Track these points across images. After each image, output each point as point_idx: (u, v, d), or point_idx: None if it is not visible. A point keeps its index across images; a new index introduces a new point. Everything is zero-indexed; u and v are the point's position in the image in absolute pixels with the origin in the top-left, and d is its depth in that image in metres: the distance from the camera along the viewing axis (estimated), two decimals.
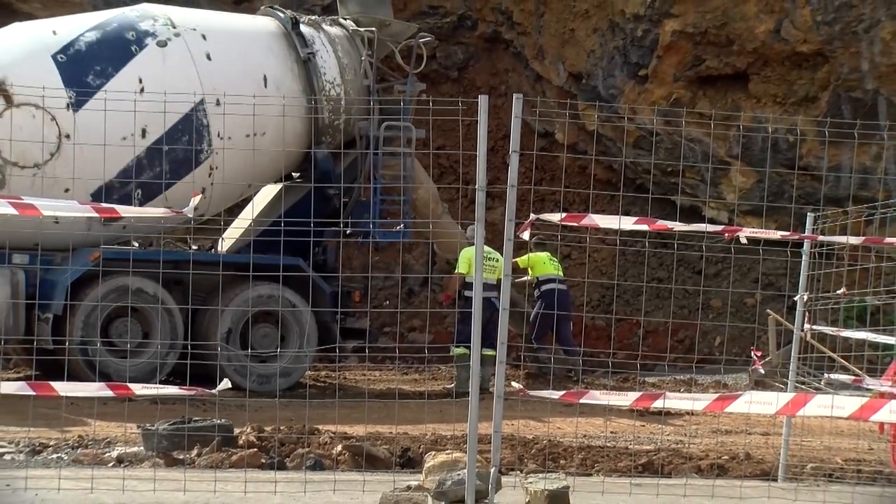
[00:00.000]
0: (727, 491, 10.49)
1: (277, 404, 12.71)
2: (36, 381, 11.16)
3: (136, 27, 16.88)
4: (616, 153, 22.49)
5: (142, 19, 16.98)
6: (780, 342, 18.24)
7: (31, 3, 22.67)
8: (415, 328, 20.89)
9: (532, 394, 10.03)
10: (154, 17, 17.16)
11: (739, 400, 9.93)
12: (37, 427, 12.19)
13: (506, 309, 9.16)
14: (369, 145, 17.60)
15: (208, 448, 11.20)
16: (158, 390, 12.11)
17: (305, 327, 16.89)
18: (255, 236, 17.37)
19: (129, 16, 17.10)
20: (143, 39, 16.79)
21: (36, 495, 9.34)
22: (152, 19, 17.09)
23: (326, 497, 9.62)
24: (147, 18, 17.05)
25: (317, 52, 17.68)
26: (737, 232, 11.22)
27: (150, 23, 17.00)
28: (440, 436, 12.29)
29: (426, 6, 25.04)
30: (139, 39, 16.75)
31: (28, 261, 15.84)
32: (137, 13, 17.19)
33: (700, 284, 18.57)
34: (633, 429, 14.36)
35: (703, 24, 22.07)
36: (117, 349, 16.05)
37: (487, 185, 8.91)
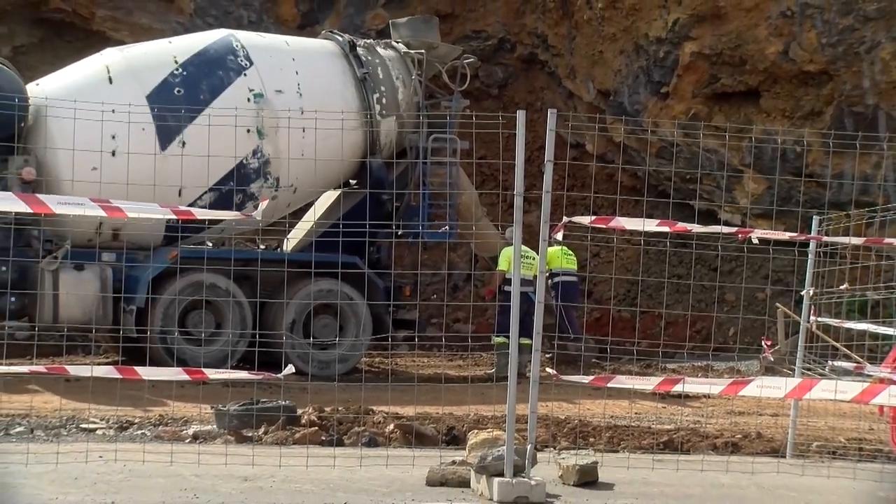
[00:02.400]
0: (740, 466, 10.43)
1: (336, 387, 12.72)
2: (122, 366, 11.20)
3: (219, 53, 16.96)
4: (640, 162, 22.41)
5: (222, 46, 17.03)
6: (788, 332, 18.13)
7: (121, 31, 22.77)
8: (459, 319, 20.86)
9: (564, 378, 10.00)
10: (231, 43, 17.22)
11: (751, 384, 9.87)
12: (123, 407, 12.25)
13: (541, 302, 9.14)
14: (419, 155, 17.60)
15: (274, 426, 11.21)
16: (230, 375, 12.23)
17: (361, 318, 16.90)
18: (316, 237, 17.36)
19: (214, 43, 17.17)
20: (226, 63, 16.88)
21: (124, 466, 9.38)
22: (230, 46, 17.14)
23: (380, 471, 9.60)
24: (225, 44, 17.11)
25: (372, 72, 17.68)
26: (749, 233, 11.16)
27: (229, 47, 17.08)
28: (482, 416, 12.27)
29: (470, 30, 25.02)
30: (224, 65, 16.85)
31: (115, 259, 15.92)
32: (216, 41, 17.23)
33: (716, 280, 18.43)
34: (655, 410, 14.31)
35: (718, 46, 21.99)
36: (193, 338, 16.08)
37: (524, 191, 8.89)
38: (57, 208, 9.42)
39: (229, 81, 16.77)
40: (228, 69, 16.87)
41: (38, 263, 15.62)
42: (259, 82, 16.86)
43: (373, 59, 17.88)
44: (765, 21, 21.53)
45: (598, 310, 20.85)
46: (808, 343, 11.81)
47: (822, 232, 11.48)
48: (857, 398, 9.03)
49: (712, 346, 15.71)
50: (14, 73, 16.26)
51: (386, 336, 17.06)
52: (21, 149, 15.78)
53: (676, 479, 9.90)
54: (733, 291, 19.83)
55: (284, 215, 17.33)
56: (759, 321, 18.69)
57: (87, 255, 15.79)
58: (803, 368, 11.46)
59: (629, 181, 22.99)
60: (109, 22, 23.27)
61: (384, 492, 8.95)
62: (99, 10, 23.33)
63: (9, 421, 11.57)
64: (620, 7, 23.12)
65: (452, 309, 20.13)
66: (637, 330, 15.92)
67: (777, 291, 18.90)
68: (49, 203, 9.28)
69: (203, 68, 16.74)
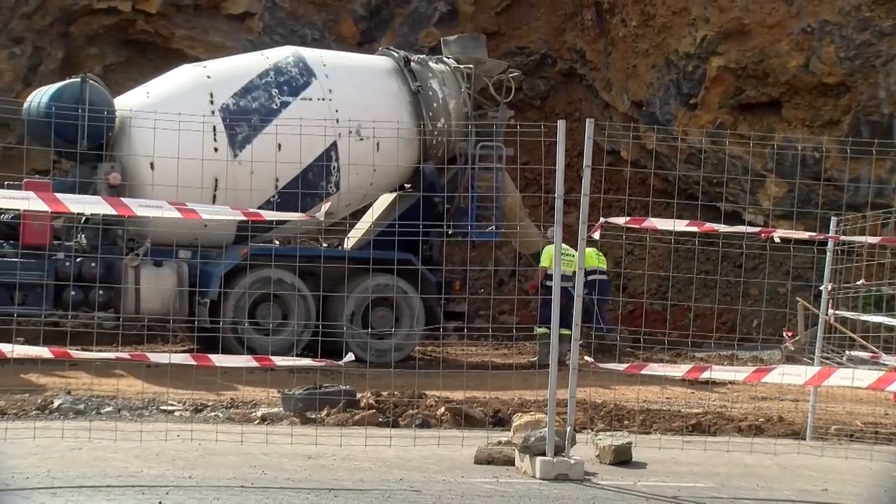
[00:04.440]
0: (763, 447, 10.36)
1: (392, 373, 12.73)
2: (197, 354, 11.27)
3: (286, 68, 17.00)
4: (671, 168, 22.29)
5: (287, 61, 17.07)
6: (808, 324, 17.98)
7: (196, 49, 22.90)
8: (504, 311, 20.82)
9: (601, 366, 9.97)
10: (296, 59, 17.26)
11: (774, 372, 9.81)
12: (198, 391, 12.33)
13: (579, 296, 9.11)
14: (467, 161, 17.58)
15: (335, 409, 11.23)
16: (295, 362, 12.26)
17: (415, 310, 16.91)
18: (374, 236, 17.40)
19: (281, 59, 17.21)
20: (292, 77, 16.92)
21: (200, 444, 9.43)
22: (296, 61, 17.19)
23: (432, 450, 9.61)
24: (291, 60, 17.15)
25: (425, 85, 17.68)
26: (771, 233, 11.08)
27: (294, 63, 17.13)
28: (525, 400, 12.24)
29: (514, 47, 24.96)
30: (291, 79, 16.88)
31: (191, 256, 16.01)
32: (283, 56, 17.27)
33: (740, 276, 18.32)
34: (684, 395, 14.24)
35: (743, 61, 21.85)
36: (261, 328, 16.14)
37: (564, 194, 8.87)
38: (138, 210, 9.49)
39: (294, 94, 16.81)
40: (294, 83, 16.91)
41: (122, 260, 15.73)
42: (321, 96, 16.89)
43: (426, 73, 17.87)
44: (787, 37, 21.38)
45: (631, 303, 20.75)
46: (827, 334, 11.71)
47: (839, 232, 11.38)
48: (873, 385, 8.95)
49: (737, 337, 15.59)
50: (103, 89, 16.39)
51: (437, 327, 17.05)
52: (108, 156, 15.91)
53: (704, 459, 9.85)
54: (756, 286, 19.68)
55: (345, 216, 17.37)
56: (780, 314, 18.55)
57: (165, 253, 15.91)
58: (822, 358, 11.36)
59: (660, 185, 22.86)
60: (187, 41, 23.40)
61: (436, 469, 8.94)
62: (177, 31, 23.47)
63: (99, 402, 11.67)
64: (653, 25, 23.02)
65: (498, 302, 20.08)
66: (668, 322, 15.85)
67: (797, 286, 18.73)
68: (131, 206, 9.35)
69: (271, 82, 16.79)
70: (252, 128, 16.16)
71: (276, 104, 16.59)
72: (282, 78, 16.92)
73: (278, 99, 16.67)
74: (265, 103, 16.60)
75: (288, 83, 16.89)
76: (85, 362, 13.10)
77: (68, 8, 22.73)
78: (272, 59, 17.29)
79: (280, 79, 16.90)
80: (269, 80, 16.84)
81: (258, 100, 16.61)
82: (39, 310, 15.10)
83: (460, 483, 8.45)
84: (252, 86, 16.69)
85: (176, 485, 7.94)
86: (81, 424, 10.12)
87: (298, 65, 17.13)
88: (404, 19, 24.46)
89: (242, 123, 16.10)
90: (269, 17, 23.73)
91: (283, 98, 16.70)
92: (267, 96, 16.69)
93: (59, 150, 16.31)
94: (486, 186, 17.63)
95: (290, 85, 16.88)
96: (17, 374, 13.05)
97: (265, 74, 16.86)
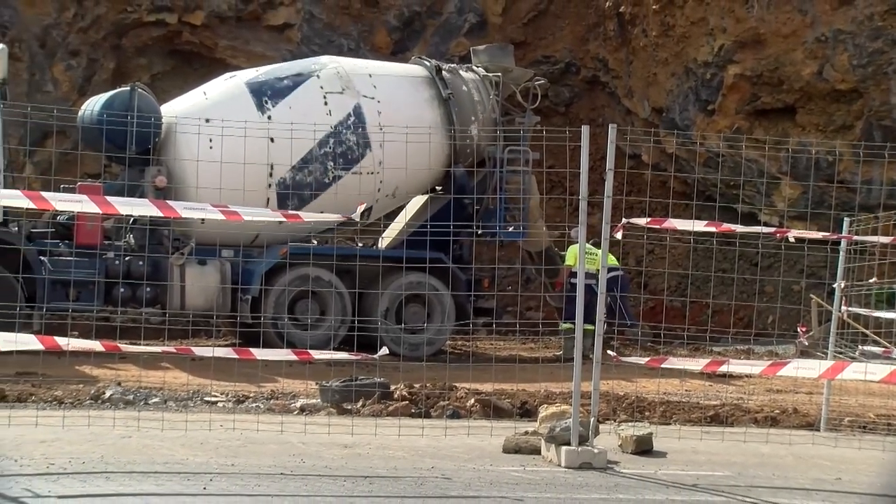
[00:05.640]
0: (778, 438, 10.30)
1: (424, 367, 12.74)
2: (239, 348, 11.32)
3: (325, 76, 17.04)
4: (690, 171, 22.18)
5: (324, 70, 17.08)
6: (822, 321, 17.84)
7: (238, 58, 22.97)
8: (531, 308, 20.77)
9: (623, 359, 9.94)
10: (333, 68, 17.29)
11: (789, 366, 9.74)
12: (240, 383, 12.35)
13: (603, 293, 9.08)
14: (496, 165, 17.55)
15: (370, 400, 11.24)
16: (332, 356, 12.28)
17: (446, 307, 16.90)
18: (407, 236, 17.40)
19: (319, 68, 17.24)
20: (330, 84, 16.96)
21: (242, 433, 9.45)
22: (333, 69, 17.22)
23: (462, 439, 9.60)
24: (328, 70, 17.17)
25: (455, 92, 17.66)
26: (786, 233, 11.03)
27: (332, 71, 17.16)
28: (551, 392, 12.22)
29: (540, 56, 24.90)
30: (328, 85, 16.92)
31: (233, 255, 16.05)
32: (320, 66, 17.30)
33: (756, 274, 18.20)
34: (703, 388, 14.17)
35: (759, 69, 21.73)
36: (300, 323, 16.17)
37: (588, 196, 8.84)
38: (183, 212, 9.51)
39: (331, 101, 16.82)
40: (331, 90, 16.91)
41: (168, 259, 15.80)
42: (357, 102, 16.91)
43: (456, 81, 17.85)
44: (801, 46, 21.24)
45: (652, 300, 20.68)
46: (840, 330, 11.63)
47: (852, 232, 11.30)
48: (885, 379, 8.88)
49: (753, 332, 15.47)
50: (150, 97, 16.47)
51: (467, 322, 17.05)
52: (155, 160, 15.97)
53: (722, 449, 9.81)
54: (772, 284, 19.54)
55: (379, 217, 17.38)
56: (794, 310, 18.43)
57: (209, 252, 15.96)
58: (836, 352, 11.28)
59: (680, 187, 22.73)
60: (229, 51, 23.48)
61: (466, 458, 8.94)
62: (221, 41, 23.55)
63: (147, 393, 11.72)
64: (672, 35, 22.93)
65: (525, 299, 20.04)
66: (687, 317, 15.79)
67: (811, 284, 18.60)
68: (177, 208, 9.37)
69: (310, 89, 16.81)
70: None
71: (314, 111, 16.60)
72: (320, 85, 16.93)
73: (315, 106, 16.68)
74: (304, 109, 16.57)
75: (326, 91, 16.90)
76: (134, 355, 13.16)
77: (120, 21, 22.89)
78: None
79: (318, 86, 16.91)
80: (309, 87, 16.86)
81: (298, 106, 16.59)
82: (91, 306, 15.19)
83: (489, 471, 8.44)
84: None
85: (219, 472, 7.96)
86: (131, 414, 10.18)
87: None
88: (436, 30, 24.47)
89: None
90: (308, 28, 23.78)
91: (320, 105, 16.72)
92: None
93: (110, 154, 16.41)
94: (513, 189, 17.59)
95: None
96: (72, 366, 13.14)
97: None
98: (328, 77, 16.97)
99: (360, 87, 17.03)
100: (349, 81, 16.99)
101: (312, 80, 16.85)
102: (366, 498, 7.44)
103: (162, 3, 23.03)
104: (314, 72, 17.04)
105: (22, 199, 8.89)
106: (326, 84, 16.87)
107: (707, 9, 22.29)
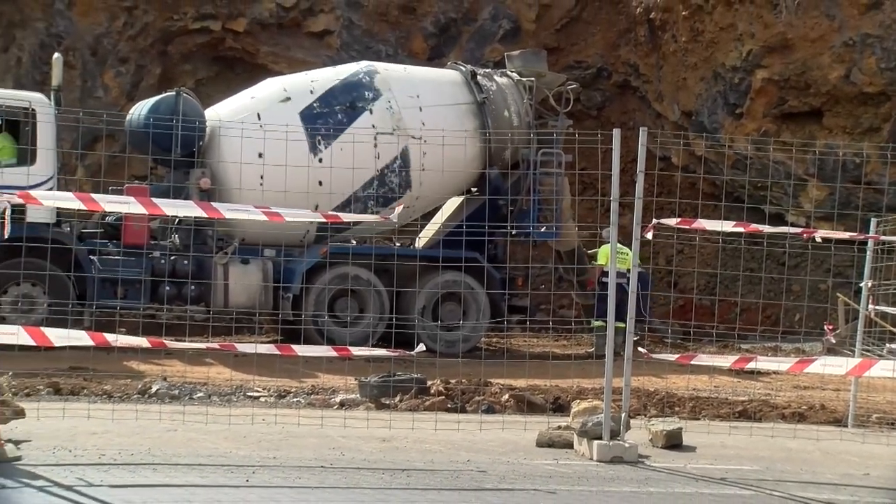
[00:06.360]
0: (806, 434, 10.22)
1: (460, 363, 12.74)
2: (281, 344, 11.34)
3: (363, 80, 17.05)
4: (718, 173, 22.06)
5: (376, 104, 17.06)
6: (848, 319, 17.71)
7: (280, 64, 23.05)
8: (563, 306, 20.73)
9: (654, 356, 9.90)
10: (373, 72, 17.31)
11: (816, 363, 9.68)
12: (281, 378, 12.39)
13: (633, 292, 9.05)
14: (529, 167, 17.51)
15: (408, 395, 11.24)
16: (371, 352, 12.30)
17: (481, 305, 16.89)
18: (443, 236, 17.40)
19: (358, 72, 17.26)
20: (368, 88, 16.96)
21: (283, 427, 9.48)
22: (372, 74, 17.23)
23: (496, 433, 9.58)
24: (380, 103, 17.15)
25: (490, 97, 17.64)
26: (813, 233, 10.94)
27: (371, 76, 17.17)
28: (583, 388, 12.19)
29: (573, 61, 24.84)
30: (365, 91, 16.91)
31: (275, 254, 16.11)
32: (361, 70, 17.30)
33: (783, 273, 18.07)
34: (731, 384, 14.10)
35: (786, 73, 21.58)
36: (340, 321, 16.20)
37: (620, 197, 8.81)
38: (227, 213, 9.54)
39: (370, 105, 16.84)
40: (369, 94, 16.93)
41: (212, 258, 15.87)
42: (396, 106, 16.91)
43: (491, 85, 17.83)
44: (828, 50, 21.07)
45: (682, 298, 20.56)
46: (867, 328, 11.53)
47: (879, 232, 11.20)
48: None
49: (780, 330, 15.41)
50: (195, 101, 16.54)
51: (501, 320, 17.02)
52: (199, 163, 16.05)
53: (749, 444, 9.75)
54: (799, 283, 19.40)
55: (416, 217, 17.39)
56: (821, 309, 18.30)
57: (252, 251, 16.02)
58: (863, 350, 11.18)
59: (709, 189, 22.63)
60: (271, 56, 23.57)
61: (500, 451, 8.92)
62: (262, 47, 23.64)
63: (192, 388, 11.78)
64: (701, 40, 22.82)
65: (558, 296, 19.99)
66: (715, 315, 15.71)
67: (837, 283, 18.46)
68: (221, 209, 9.40)
69: (349, 92, 16.82)
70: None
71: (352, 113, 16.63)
72: (358, 89, 16.96)
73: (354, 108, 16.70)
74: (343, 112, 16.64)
75: (364, 94, 16.94)
76: (179, 351, 13.20)
77: (167, 29, 23.05)
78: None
79: (357, 90, 16.95)
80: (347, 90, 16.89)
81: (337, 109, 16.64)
82: (138, 303, 15.28)
83: (523, 464, 8.43)
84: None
85: (261, 464, 7.99)
86: (176, 408, 10.22)
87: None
88: (471, 36, 24.46)
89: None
90: (347, 35, 23.83)
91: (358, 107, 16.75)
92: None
93: (156, 157, 16.49)
94: (546, 190, 17.54)
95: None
96: (120, 362, 13.22)
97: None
98: (380, 112, 16.84)
99: (408, 122, 16.89)
100: (400, 119, 16.85)
101: (365, 117, 16.72)
102: (403, 490, 7.44)
103: (206, 11, 23.17)
104: (367, 104, 16.84)
105: (73, 201, 8.96)
106: (379, 122, 16.71)
107: (736, 15, 22.17)
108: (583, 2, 25.11)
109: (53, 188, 14.75)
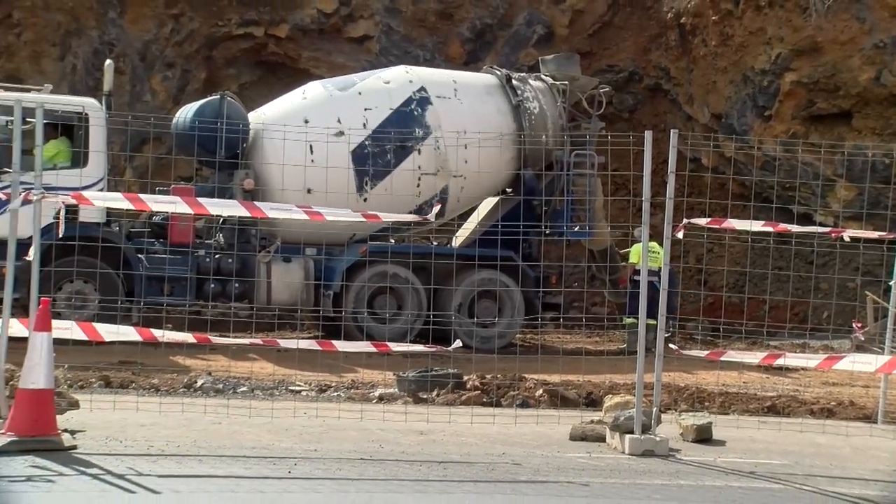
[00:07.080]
0: (835, 429, 10.14)
1: (495, 358, 12.72)
2: (322, 340, 11.38)
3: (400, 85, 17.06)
4: (747, 174, 21.91)
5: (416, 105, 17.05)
6: (877, 317, 17.54)
7: (320, 68, 23.12)
8: (596, 303, 20.66)
9: (684, 353, 9.85)
10: (410, 77, 17.32)
11: (844, 360, 9.60)
12: (322, 373, 12.43)
13: (665, 289, 9.01)
14: (563, 168, 17.47)
15: (445, 390, 11.26)
16: (409, 348, 12.31)
17: (516, 302, 16.88)
18: (479, 235, 17.39)
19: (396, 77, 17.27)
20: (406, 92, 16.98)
21: (324, 421, 9.51)
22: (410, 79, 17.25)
23: (531, 427, 9.58)
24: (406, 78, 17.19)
25: (525, 100, 17.62)
26: (841, 233, 10.85)
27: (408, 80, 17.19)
28: (615, 383, 12.16)
29: (605, 65, 24.76)
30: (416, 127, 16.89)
31: (316, 253, 16.16)
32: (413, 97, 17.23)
33: (812, 272, 17.95)
34: (760, 380, 14.01)
35: (815, 76, 21.40)
36: (379, 317, 16.23)
37: (651, 198, 8.78)
38: (269, 213, 9.59)
39: (418, 145, 16.78)
40: (420, 131, 16.86)
41: (255, 256, 15.95)
42: (442, 146, 16.81)
43: (525, 89, 17.80)
44: (858, 52, 20.87)
45: (711, 296, 20.43)
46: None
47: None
48: None
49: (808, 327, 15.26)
50: (239, 105, 16.62)
51: (536, 317, 17.00)
52: (243, 164, 16.14)
53: (778, 438, 9.68)
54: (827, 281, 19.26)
55: (453, 217, 17.39)
56: (849, 306, 18.13)
57: (293, 250, 16.08)
58: (893, 347, 11.07)
59: (738, 190, 22.43)
60: (312, 61, 23.65)
61: (535, 444, 8.92)
62: (304, 52, 23.73)
63: (235, 382, 11.84)
64: (731, 44, 22.68)
65: (590, 294, 19.94)
66: (745, 313, 15.61)
67: (866, 281, 18.30)
68: (263, 209, 9.45)
69: (401, 125, 16.70)
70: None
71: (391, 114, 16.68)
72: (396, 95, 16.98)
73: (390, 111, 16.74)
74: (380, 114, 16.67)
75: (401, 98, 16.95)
76: (223, 347, 13.34)
77: (212, 35, 23.20)
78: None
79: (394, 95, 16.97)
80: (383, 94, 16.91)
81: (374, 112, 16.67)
82: (184, 300, 15.37)
83: (556, 457, 8.42)
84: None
85: (303, 456, 8.03)
86: (221, 402, 10.28)
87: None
88: (506, 41, 24.43)
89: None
90: (386, 40, 23.86)
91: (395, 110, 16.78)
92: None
93: (201, 159, 16.59)
94: (579, 191, 17.50)
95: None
96: (167, 356, 13.32)
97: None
98: (427, 152, 16.80)
99: (452, 162, 16.83)
100: (445, 160, 16.81)
101: (413, 158, 16.73)
102: (440, 482, 7.45)
103: (249, 18, 23.29)
104: (416, 143, 16.75)
105: (122, 201, 9.05)
106: (425, 162, 16.74)
107: (765, 19, 22.01)
108: (615, 7, 25.03)
109: (104, 189, 14.87)
